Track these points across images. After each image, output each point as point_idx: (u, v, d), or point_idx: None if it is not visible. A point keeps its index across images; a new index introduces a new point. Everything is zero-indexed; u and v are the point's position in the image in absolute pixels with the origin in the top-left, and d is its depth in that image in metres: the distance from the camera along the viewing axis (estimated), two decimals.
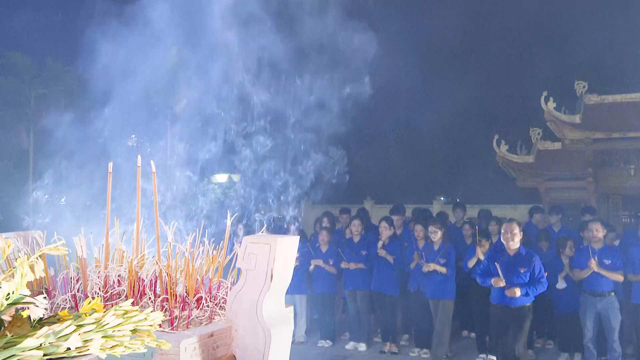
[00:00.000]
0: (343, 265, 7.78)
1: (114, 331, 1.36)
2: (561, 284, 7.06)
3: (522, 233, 6.03)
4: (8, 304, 1.24)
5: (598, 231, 6.77)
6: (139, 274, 2.92)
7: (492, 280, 5.94)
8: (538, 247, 7.83)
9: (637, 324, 6.86)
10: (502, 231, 6.04)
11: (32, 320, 1.29)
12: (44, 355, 1.19)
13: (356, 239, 7.90)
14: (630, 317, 6.98)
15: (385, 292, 7.61)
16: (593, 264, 6.58)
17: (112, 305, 1.58)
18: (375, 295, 7.67)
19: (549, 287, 7.41)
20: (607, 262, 6.64)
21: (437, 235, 7.27)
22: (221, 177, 16.74)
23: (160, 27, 6.07)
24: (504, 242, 6.02)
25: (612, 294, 6.67)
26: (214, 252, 3.05)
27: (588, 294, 6.74)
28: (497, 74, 27.02)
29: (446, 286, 7.15)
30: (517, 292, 5.79)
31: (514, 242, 5.96)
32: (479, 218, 9.31)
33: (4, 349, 1.14)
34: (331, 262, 7.89)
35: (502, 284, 5.87)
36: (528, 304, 5.97)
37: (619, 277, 6.63)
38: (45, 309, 1.33)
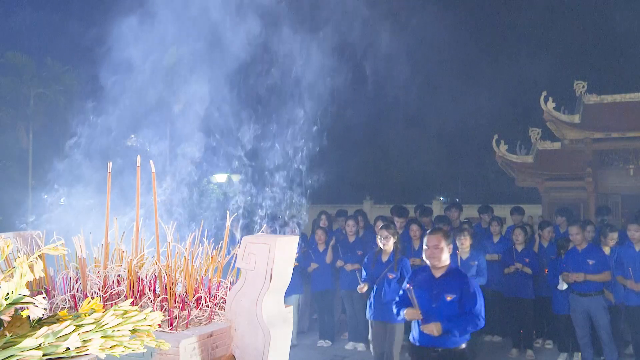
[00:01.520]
0: (338, 264, 7.78)
1: (113, 331, 1.36)
2: (562, 286, 7.02)
3: (451, 247, 4.40)
4: (7, 304, 1.24)
5: (578, 234, 6.70)
6: (138, 273, 2.92)
7: (405, 313, 4.25)
8: (539, 242, 7.89)
9: (632, 324, 6.81)
10: (424, 247, 4.34)
11: (31, 320, 1.29)
12: (44, 355, 1.19)
13: (351, 239, 7.89)
14: (626, 318, 6.94)
15: None
16: (578, 277, 6.52)
17: (112, 305, 1.58)
18: None
19: (549, 287, 7.43)
20: (591, 262, 6.56)
21: (389, 242, 5.93)
22: (220, 177, 16.76)
23: (162, 26, 6.08)
24: (426, 261, 4.34)
25: (601, 293, 6.62)
26: (214, 252, 3.05)
27: (576, 294, 6.72)
28: (496, 74, 27.03)
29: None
30: (435, 329, 4.03)
31: (440, 260, 4.25)
32: (480, 213, 9.31)
33: (4, 349, 1.14)
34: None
35: (418, 316, 4.16)
36: (462, 346, 4.19)
37: (605, 278, 6.58)
38: (45, 309, 1.33)
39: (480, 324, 4.15)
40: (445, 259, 4.31)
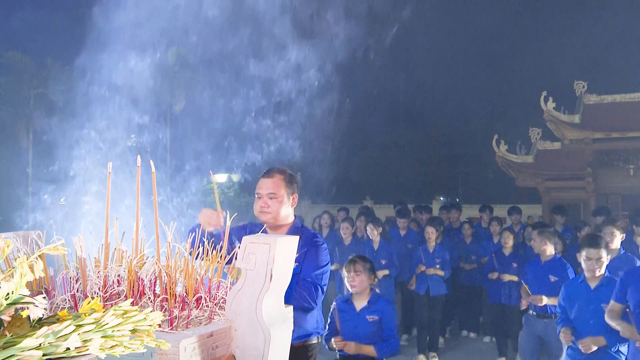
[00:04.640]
0: (333, 267, 7.73)
1: (113, 331, 1.36)
2: (522, 304, 5.90)
3: (296, 197, 3.06)
4: (7, 304, 1.24)
5: (535, 241, 5.50)
6: (138, 274, 2.92)
7: None
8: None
9: None
10: (256, 195, 3.00)
11: (31, 320, 1.29)
12: (44, 355, 1.19)
13: (347, 241, 7.84)
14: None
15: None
16: (537, 301, 5.25)
17: (112, 305, 1.58)
18: None
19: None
20: (554, 278, 5.33)
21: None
22: (220, 177, 16.77)
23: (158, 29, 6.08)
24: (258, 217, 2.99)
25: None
26: (214, 251, 3.05)
27: (533, 315, 5.43)
28: (497, 74, 27.04)
29: None
30: None
31: (275, 215, 2.93)
32: (480, 212, 9.31)
33: (4, 349, 1.14)
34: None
35: None
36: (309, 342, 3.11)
37: None
38: (45, 309, 1.33)
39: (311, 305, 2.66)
40: (286, 215, 2.89)
